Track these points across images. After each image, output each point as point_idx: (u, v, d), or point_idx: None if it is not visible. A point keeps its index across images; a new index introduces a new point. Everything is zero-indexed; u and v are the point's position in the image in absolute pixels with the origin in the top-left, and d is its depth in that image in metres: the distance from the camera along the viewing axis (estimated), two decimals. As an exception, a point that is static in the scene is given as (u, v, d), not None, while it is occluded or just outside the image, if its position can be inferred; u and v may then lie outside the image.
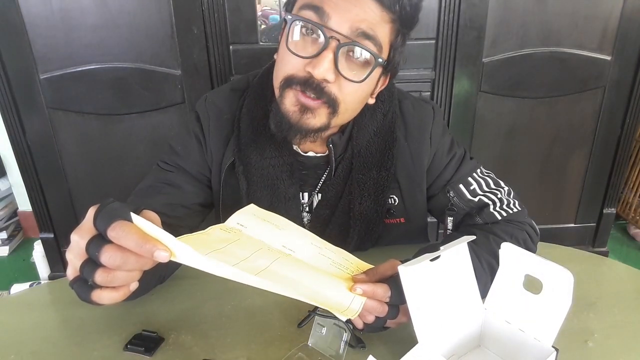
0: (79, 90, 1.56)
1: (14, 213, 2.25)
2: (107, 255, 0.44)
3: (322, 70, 0.64)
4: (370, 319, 0.59)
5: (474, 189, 0.82)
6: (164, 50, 1.53)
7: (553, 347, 0.55)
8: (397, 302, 0.59)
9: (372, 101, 0.78)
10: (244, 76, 0.86)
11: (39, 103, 1.58)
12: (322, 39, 0.64)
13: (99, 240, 0.45)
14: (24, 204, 2.20)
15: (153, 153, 1.67)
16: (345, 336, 0.60)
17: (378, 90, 0.77)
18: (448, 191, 0.83)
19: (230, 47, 1.55)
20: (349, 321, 0.60)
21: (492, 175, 0.86)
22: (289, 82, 0.68)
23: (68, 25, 1.47)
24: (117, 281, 0.46)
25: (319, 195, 0.84)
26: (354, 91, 0.69)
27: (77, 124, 1.62)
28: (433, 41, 1.59)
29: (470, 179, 0.83)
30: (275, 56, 0.73)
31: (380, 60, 0.67)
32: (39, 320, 0.70)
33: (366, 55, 0.66)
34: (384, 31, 0.67)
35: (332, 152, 0.80)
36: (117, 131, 1.64)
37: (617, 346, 0.65)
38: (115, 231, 0.43)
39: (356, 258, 0.64)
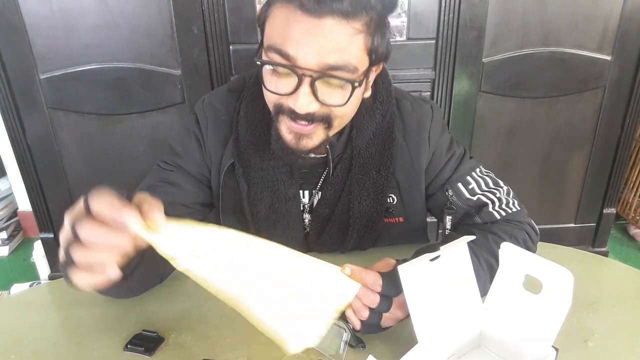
0: (79, 90, 1.56)
1: (14, 213, 2.25)
2: (84, 231, 0.46)
3: (303, 106, 0.64)
4: (365, 314, 0.59)
5: (473, 188, 0.82)
6: (164, 50, 1.53)
7: (553, 347, 0.55)
8: (390, 293, 0.59)
9: (368, 94, 0.75)
10: (240, 76, 0.86)
11: (39, 103, 1.57)
12: (294, 76, 0.64)
13: (82, 216, 0.46)
14: (24, 204, 2.20)
15: (153, 153, 1.67)
16: (345, 336, 0.60)
17: (371, 80, 0.75)
18: (447, 190, 0.83)
19: (230, 47, 1.54)
20: (347, 320, 0.60)
21: (492, 174, 0.85)
22: (279, 109, 0.69)
23: (68, 25, 1.47)
24: (93, 259, 0.47)
25: (319, 193, 0.84)
26: (344, 107, 0.68)
27: (77, 124, 1.62)
28: (433, 41, 1.59)
29: (469, 178, 0.83)
30: None
31: (356, 84, 0.65)
32: (39, 320, 0.70)
33: (342, 82, 0.65)
34: (356, 47, 0.64)
35: (329, 154, 0.80)
36: (117, 131, 1.64)
37: (617, 346, 0.65)
38: (93, 198, 0.46)
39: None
